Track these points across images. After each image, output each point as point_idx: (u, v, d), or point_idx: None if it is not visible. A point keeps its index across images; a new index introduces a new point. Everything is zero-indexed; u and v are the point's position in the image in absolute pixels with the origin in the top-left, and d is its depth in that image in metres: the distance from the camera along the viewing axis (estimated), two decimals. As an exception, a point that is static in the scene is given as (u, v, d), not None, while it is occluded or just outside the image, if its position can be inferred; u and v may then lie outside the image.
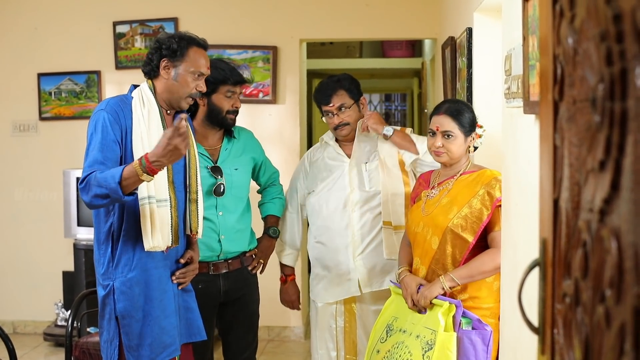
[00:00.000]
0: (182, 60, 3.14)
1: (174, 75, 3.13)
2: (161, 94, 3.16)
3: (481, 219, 3.09)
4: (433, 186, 3.35)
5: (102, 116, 3.00)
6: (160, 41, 3.17)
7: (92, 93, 6.49)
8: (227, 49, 6.31)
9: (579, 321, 1.18)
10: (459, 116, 3.23)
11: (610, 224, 1.03)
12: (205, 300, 3.58)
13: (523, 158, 2.38)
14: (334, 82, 3.89)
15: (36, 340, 6.42)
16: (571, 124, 1.24)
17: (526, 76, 2.23)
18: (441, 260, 3.19)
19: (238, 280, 3.76)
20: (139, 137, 3.02)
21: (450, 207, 3.17)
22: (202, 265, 3.60)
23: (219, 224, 3.66)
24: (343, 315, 3.92)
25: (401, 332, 3.24)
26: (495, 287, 3.11)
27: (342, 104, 3.84)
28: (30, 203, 6.62)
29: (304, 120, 6.78)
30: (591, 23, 1.10)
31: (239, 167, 3.76)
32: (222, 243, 3.66)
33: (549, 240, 1.40)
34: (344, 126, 3.86)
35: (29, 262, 6.66)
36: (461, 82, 4.29)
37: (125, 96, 3.13)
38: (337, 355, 3.94)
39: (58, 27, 6.55)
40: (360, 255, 3.83)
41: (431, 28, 6.25)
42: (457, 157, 3.26)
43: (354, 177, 3.86)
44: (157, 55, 3.14)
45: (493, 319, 3.09)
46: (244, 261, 3.79)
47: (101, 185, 2.83)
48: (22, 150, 6.64)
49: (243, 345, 3.81)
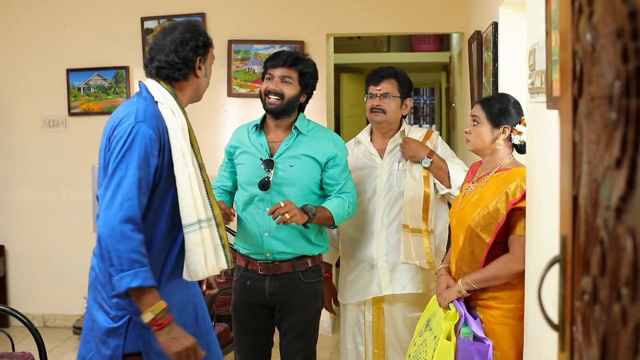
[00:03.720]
0: (209, 52, 2.91)
1: (205, 72, 2.89)
2: (186, 94, 2.88)
3: (497, 220, 3.06)
4: (473, 180, 3.34)
5: (142, 131, 2.63)
6: (193, 40, 2.82)
7: (121, 88, 6.54)
8: (254, 44, 6.32)
9: (597, 319, 1.17)
10: (488, 104, 3.24)
11: (626, 222, 1.03)
12: (250, 299, 3.57)
13: (547, 153, 2.37)
14: (390, 69, 3.92)
15: (66, 333, 6.49)
16: (589, 121, 1.23)
17: (549, 71, 2.21)
18: (465, 257, 3.19)
19: (285, 285, 3.56)
20: (180, 155, 2.69)
21: (477, 205, 3.15)
22: (253, 262, 3.59)
23: (263, 219, 3.52)
24: (372, 310, 3.93)
25: (429, 331, 3.25)
26: (520, 287, 3.08)
27: (387, 91, 3.84)
28: (59, 198, 6.68)
29: (331, 115, 6.77)
30: (608, 20, 1.09)
31: (296, 164, 3.52)
32: (263, 240, 3.53)
33: (568, 237, 1.39)
34: (379, 111, 3.85)
35: (59, 257, 6.73)
36: (487, 76, 4.27)
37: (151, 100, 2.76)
38: (365, 349, 3.95)
39: (86, 23, 6.59)
40: (384, 257, 3.83)
41: (458, 22, 6.22)
42: (481, 145, 3.25)
43: (384, 178, 3.86)
44: (193, 55, 2.82)
45: (513, 319, 3.07)
46: (296, 266, 3.56)
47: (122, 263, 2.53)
48: (52, 146, 6.70)
49: (292, 352, 3.63)
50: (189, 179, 2.69)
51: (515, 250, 3.04)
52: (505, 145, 3.23)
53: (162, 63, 2.80)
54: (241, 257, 3.66)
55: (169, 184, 2.70)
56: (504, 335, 3.07)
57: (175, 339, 2.57)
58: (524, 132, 3.16)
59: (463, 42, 6.20)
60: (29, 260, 6.76)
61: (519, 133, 3.18)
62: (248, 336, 3.62)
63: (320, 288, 3.68)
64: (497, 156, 3.25)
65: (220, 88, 6.34)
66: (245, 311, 3.59)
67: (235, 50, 6.35)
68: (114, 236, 2.53)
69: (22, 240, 6.77)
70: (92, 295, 2.76)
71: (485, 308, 3.14)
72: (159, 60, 2.81)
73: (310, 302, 3.61)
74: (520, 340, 3.02)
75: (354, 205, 3.63)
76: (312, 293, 3.61)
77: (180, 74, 2.81)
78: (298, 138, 3.57)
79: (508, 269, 3.05)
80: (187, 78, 2.84)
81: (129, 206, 2.56)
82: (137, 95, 2.81)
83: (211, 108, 6.24)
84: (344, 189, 3.58)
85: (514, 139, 3.20)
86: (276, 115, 3.56)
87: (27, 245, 6.76)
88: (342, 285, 3.99)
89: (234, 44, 6.35)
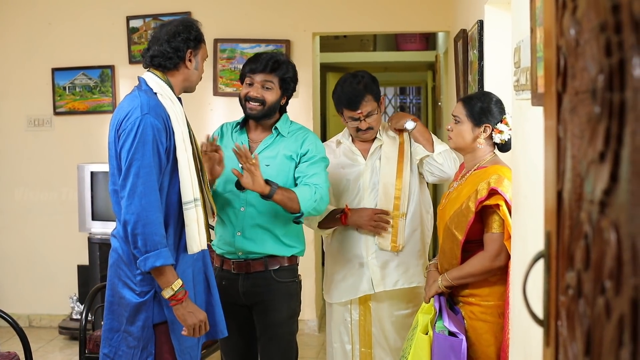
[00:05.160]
0: (200, 48, 3.13)
1: (195, 65, 3.12)
2: (178, 85, 3.10)
3: (467, 218, 3.08)
4: (458, 178, 3.36)
5: (149, 122, 2.90)
6: (185, 33, 3.08)
7: (106, 88, 6.51)
8: (239, 42, 6.31)
9: (581, 313, 1.17)
10: (470, 102, 3.26)
11: (609, 215, 1.03)
12: (227, 299, 3.54)
13: (532, 150, 2.37)
14: (361, 87, 3.76)
15: (51, 333, 6.45)
16: (573, 116, 1.24)
17: (534, 68, 2.22)
18: (445, 254, 3.24)
19: (258, 284, 3.55)
20: (181, 139, 2.98)
21: (455, 202, 3.19)
22: (227, 262, 3.59)
23: (237, 219, 3.53)
24: (358, 309, 3.92)
25: (416, 328, 3.27)
26: (499, 284, 3.11)
27: (370, 110, 3.76)
28: (44, 197, 6.66)
29: (317, 114, 6.77)
30: (591, 14, 1.10)
31: (272, 164, 3.51)
32: (235, 239, 3.53)
33: (553, 232, 1.40)
34: (368, 130, 3.81)
35: (44, 256, 6.71)
36: (473, 74, 4.27)
37: (151, 92, 3.01)
38: (352, 348, 3.94)
39: (72, 22, 6.57)
40: (373, 254, 3.83)
41: (444, 21, 6.23)
42: (462, 143, 3.26)
43: (368, 176, 3.85)
44: (184, 47, 3.06)
45: (493, 317, 3.10)
46: (268, 264, 3.54)
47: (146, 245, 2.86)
48: (37, 145, 6.67)
49: (268, 353, 3.61)
50: (187, 162, 2.98)
51: (489, 248, 3.08)
52: (486, 144, 3.24)
53: (155, 52, 3.07)
54: (217, 257, 3.66)
55: (175, 166, 2.98)
56: (483, 331, 3.10)
57: (190, 313, 2.95)
58: (505, 131, 3.17)
59: (449, 40, 6.21)
60: (15, 260, 6.73)
61: (501, 132, 3.19)
62: (230, 337, 3.60)
63: (294, 289, 3.64)
64: (477, 154, 3.26)
65: (206, 87, 6.33)
66: (225, 311, 3.59)
67: (221, 49, 6.35)
68: (140, 221, 2.85)
69: (7, 240, 6.75)
70: (115, 274, 3.06)
71: (466, 304, 3.18)
72: (153, 50, 3.08)
73: (282, 301, 3.58)
74: (500, 337, 3.05)
75: (323, 201, 3.48)
76: (285, 293, 3.59)
77: (171, 62, 3.07)
78: (277, 138, 3.57)
79: (482, 266, 3.09)
80: (177, 67, 3.09)
81: (150, 192, 2.87)
82: (138, 89, 3.05)
83: (197, 107, 6.23)
84: (312, 180, 3.47)
85: (495, 138, 3.21)
86: (257, 119, 3.57)
87: (12, 245, 6.74)
88: (329, 284, 3.98)
89: (219, 43, 6.34)
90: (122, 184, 2.91)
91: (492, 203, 3.02)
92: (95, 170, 5.96)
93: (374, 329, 3.89)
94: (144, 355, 3.01)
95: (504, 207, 2.99)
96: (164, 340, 3.03)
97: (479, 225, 3.11)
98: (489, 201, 3.02)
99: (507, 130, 3.17)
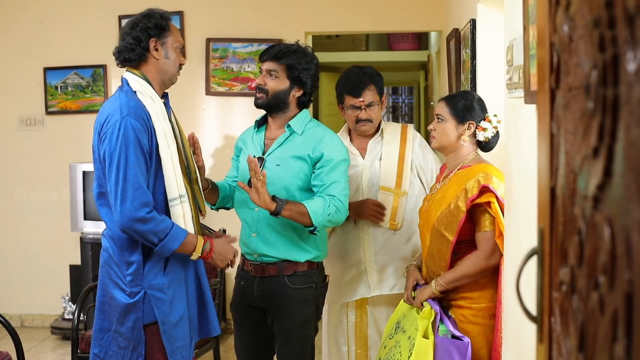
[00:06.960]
0: (167, 36, 3.06)
1: (165, 54, 3.06)
2: (154, 78, 3.05)
3: (458, 218, 3.07)
4: (440, 180, 3.35)
5: (129, 124, 2.88)
6: (144, 21, 3.04)
7: (98, 87, 6.50)
8: (232, 42, 6.31)
9: (575, 309, 1.18)
10: (453, 100, 3.25)
11: (603, 210, 1.03)
12: (243, 300, 3.53)
13: (524, 149, 2.38)
14: (366, 75, 3.77)
15: (44, 333, 6.43)
16: (567, 112, 1.24)
17: (527, 66, 2.22)
18: (433, 256, 3.21)
19: (271, 289, 3.44)
20: (163, 137, 2.96)
21: (441, 203, 3.17)
22: (247, 262, 3.51)
23: (252, 219, 3.44)
24: (354, 310, 3.91)
25: (402, 332, 3.26)
26: (489, 287, 3.11)
27: (371, 100, 3.76)
28: (36, 197, 6.63)
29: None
30: (585, 10, 1.10)
31: (282, 164, 3.38)
32: (251, 240, 3.44)
33: (546, 229, 1.40)
34: (367, 122, 3.80)
35: (36, 256, 6.68)
36: (465, 73, 4.27)
37: (131, 92, 2.99)
38: (348, 350, 3.94)
39: (64, 21, 6.56)
40: (372, 257, 3.82)
41: (436, 20, 6.24)
42: (446, 142, 3.25)
43: (367, 177, 3.85)
44: (145, 36, 3.02)
45: (484, 319, 3.10)
46: (282, 270, 3.41)
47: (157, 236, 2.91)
48: (29, 145, 6.65)
49: (282, 357, 3.53)
50: (171, 159, 2.97)
51: (482, 247, 3.07)
52: (470, 142, 3.24)
53: (120, 47, 3.07)
54: (242, 255, 3.58)
55: (159, 164, 2.97)
56: (475, 334, 3.09)
57: (221, 256, 3.14)
58: (489, 129, 3.18)
59: (441, 40, 6.22)
60: (7, 260, 6.71)
61: (484, 129, 3.19)
62: (243, 337, 3.57)
63: (311, 294, 3.47)
64: (460, 153, 3.25)
65: (198, 86, 6.33)
66: (241, 311, 3.54)
67: (213, 49, 6.34)
68: (137, 222, 2.86)
69: (-1, 240, 6.73)
70: (106, 274, 3.07)
71: (457, 308, 3.17)
72: (119, 46, 3.08)
73: (296, 308, 3.43)
74: (491, 338, 3.05)
75: (339, 212, 3.33)
76: (299, 299, 3.44)
77: (134, 54, 3.03)
78: (291, 137, 3.43)
79: (478, 266, 3.07)
80: (144, 59, 3.05)
81: (140, 193, 2.88)
82: (119, 90, 3.04)
83: (189, 106, 6.23)
84: (329, 190, 3.33)
85: (479, 136, 3.21)
86: (266, 110, 3.48)
87: (4, 245, 6.71)
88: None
89: (212, 42, 6.33)
90: (111, 188, 2.90)
91: (483, 201, 3.01)
92: (88, 170, 5.94)
93: (370, 330, 3.89)
94: (134, 356, 3.01)
95: (495, 204, 2.99)
96: (154, 341, 3.02)
97: (469, 224, 3.10)
98: (480, 199, 3.01)
99: (491, 128, 3.18)
